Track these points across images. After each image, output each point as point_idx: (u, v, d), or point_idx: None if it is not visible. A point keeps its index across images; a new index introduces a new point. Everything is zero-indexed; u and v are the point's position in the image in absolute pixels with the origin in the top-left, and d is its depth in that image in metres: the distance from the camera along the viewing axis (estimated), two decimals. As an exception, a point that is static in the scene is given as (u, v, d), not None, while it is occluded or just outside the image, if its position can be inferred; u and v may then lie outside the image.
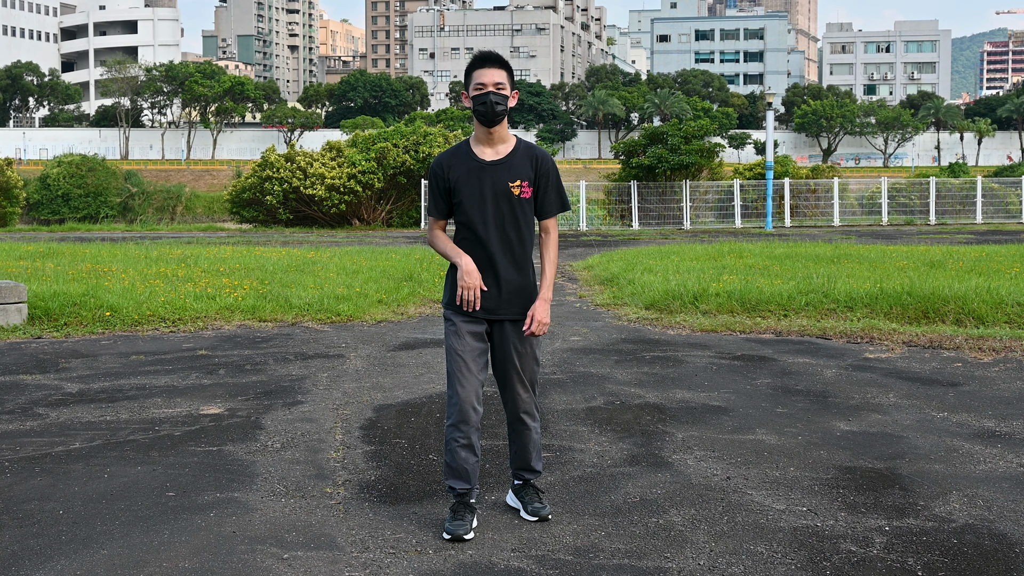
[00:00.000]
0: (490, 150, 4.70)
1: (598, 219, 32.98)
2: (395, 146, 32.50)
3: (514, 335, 4.71)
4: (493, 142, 4.70)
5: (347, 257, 17.58)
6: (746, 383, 7.90)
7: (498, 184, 4.64)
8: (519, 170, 4.67)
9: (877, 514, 4.88)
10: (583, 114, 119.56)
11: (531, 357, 4.76)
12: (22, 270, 14.62)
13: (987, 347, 9.22)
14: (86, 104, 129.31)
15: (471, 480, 4.68)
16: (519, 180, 4.66)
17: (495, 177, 4.65)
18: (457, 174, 4.69)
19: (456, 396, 4.63)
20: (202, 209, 59.81)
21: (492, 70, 4.65)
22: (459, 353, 4.65)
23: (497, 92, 4.62)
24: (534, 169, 4.69)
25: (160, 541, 4.53)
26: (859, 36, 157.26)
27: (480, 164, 4.66)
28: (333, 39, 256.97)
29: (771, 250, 18.23)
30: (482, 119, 4.64)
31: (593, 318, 11.62)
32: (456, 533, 4.54)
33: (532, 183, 4.68)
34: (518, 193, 4.65)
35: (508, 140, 4.73)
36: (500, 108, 4.62)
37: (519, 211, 4.66)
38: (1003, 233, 27.99)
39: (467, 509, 4.67)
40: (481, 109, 4.63)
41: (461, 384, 4.63)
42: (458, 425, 4.64)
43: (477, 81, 4.65)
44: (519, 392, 4.78)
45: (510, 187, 4.64)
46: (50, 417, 6.79)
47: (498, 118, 4.64)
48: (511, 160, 4.69)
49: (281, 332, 10.48)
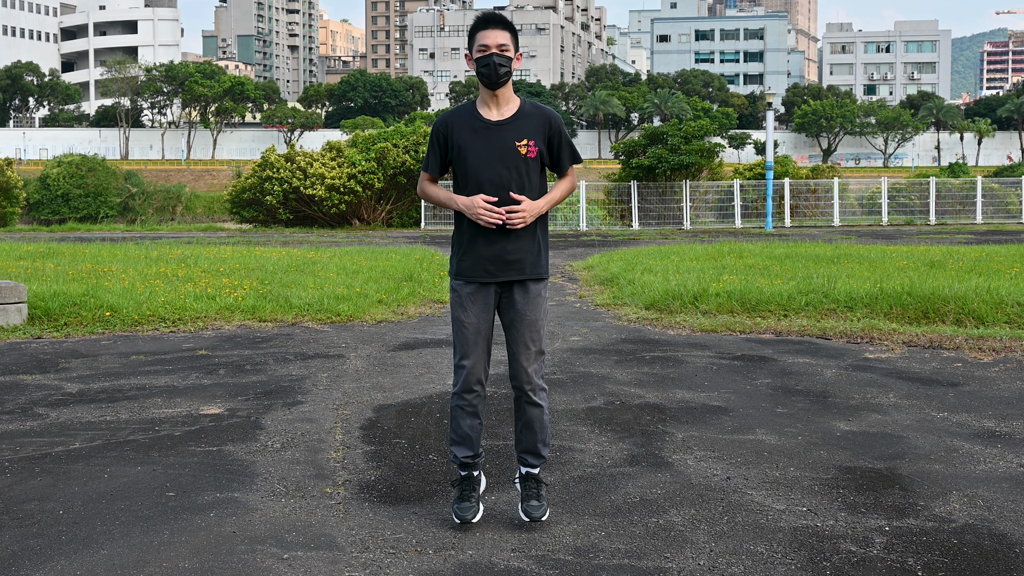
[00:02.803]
0: (495, 111, 4.65)
1: (598, 219, 32.97)
2: (395, 146, 32.50)
3: (521, 299, 4.67)
4: (498, 103, 4.65)
5: (347, 257, 17.58)
6: (746, 383, 7.90)
7: (505, 144, 4.59)
8: (525, 129, 4.62)
9: (877, 514, 4.88)
10: (583, 114, 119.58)
11: (537, 323, 4.69)
12: (22, 270, 14.62)
13: (987, 347, 9.21)
14: (86, 104, 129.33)
15: (475, 446, 4.72)
16: (526, 139, 4.61)
17: (501, 136, 4.60)
18: (461, 134, 4.63)
19: (462, 367, 4.66)
20: (202, 209, 59.81)
21: (495, 31, 4.58)
22: (464, 324, 4.65)
23: (501, 53, 4.55)
24: (543, 128, 4.64)
25: (160, 541, 4.53)
26: (859, 36, 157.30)
27: (485, 124, 4.62)
28: (333, 39, 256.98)
29: (771, 250, 18.23)
30: (485, 81, 4.59)
31: (593, 318, 11.62)
32: (464, 517, 4.62)
33: (541, 142, 4.64)
34: (524, 152, 4.60)
35: (513, 101, 4.68)
36: (504, 70, 4.56)
37: (525, 170, 4.61)
38: (1003, 233, 27.99)
39: (473, 486, 4.73)
40: (484, 71, 4.56)
41: (466, 355, 4.65)
42: (462, 394, 4.68)
43: (480, 43, 4.58)
44: (523, 361, 4.69)
45: (517, 146, 4.59)
46: (50, 417, 6.79)
47: (502, 80, 4.58)
48: (517, 119, 4.63)
49: (281, 332, 10.48)
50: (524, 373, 4.72)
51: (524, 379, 4.72)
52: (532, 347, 4.71)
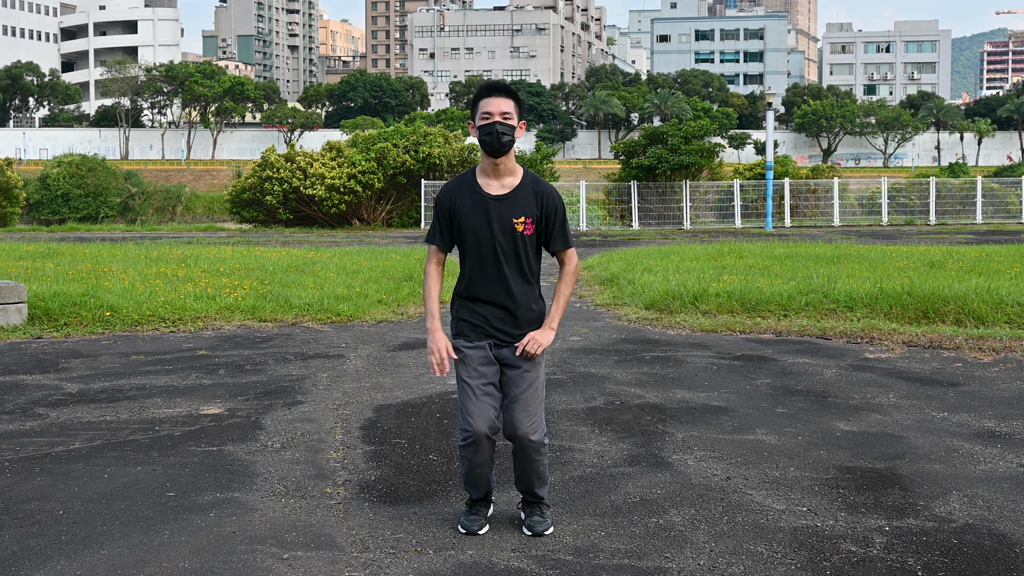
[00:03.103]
0: (496, 183, 4.59)
1: (598, 219, 32.97)
2: (395, 146, 32.49)
3: (517, 379, 4.60)
4: (499, 174, 4.58)
5: (347, 257, 17.58)
6: (746, 383, 7.90)
7: (503, 219, 4.54)
8: (524, 206, 4.56)
9: (877, 514, 4.88)
10: (583, 114, 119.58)
11: (533, 385, 4.60)
12: (22, 270, 14.62)
13: (987, 347, 9.21)
14: (86, 104, 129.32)
15: (485, 487, 4.71)
16: (523, 216, 4.54)
17: (500, 212, 4.54)
18: (462, 206, 4.60)
19: (469, 425, 4.54)
20: (202, 209, 59.80)
21: (499, 99, 4.51)
22: (467, 381, 4.57)
23: (504, 122, 4.49)
24: (539, 206, 4.57)
25: (160, 541, 4.53)
26: (859, 36, 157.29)
27: (485, 197, 4.56)
28: (333, 39, 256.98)
29: (771, 250, 18.23)
30: (488, 150, 4.53)
31: (593, 318, 11.62)
32: (471, 529, 4.65)
33: (536, 220, 4.57)
34: (521, 230, 4.54)
35: (515, 172, 4.61)
36: (507, 139, 4.50)
37: (522, 246, 4.56)
38: (1003, 233, 27.99)
39: (483, 504, 4.76)
40: (487, 139, 4.50)
41: (471, 413, 4.54)
42: (470, 446, 4.57)
43: (483, 110, 4.52)
44: (520, 419, 4.60)
45: (514, 223, 4.53)
46: (50, 417, 6.78)
47: (504, 149, 4.52)
48: (516, 195, 4.57)
49: (281, 332, 10.48)
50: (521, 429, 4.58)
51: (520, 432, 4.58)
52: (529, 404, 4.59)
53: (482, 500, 4.76)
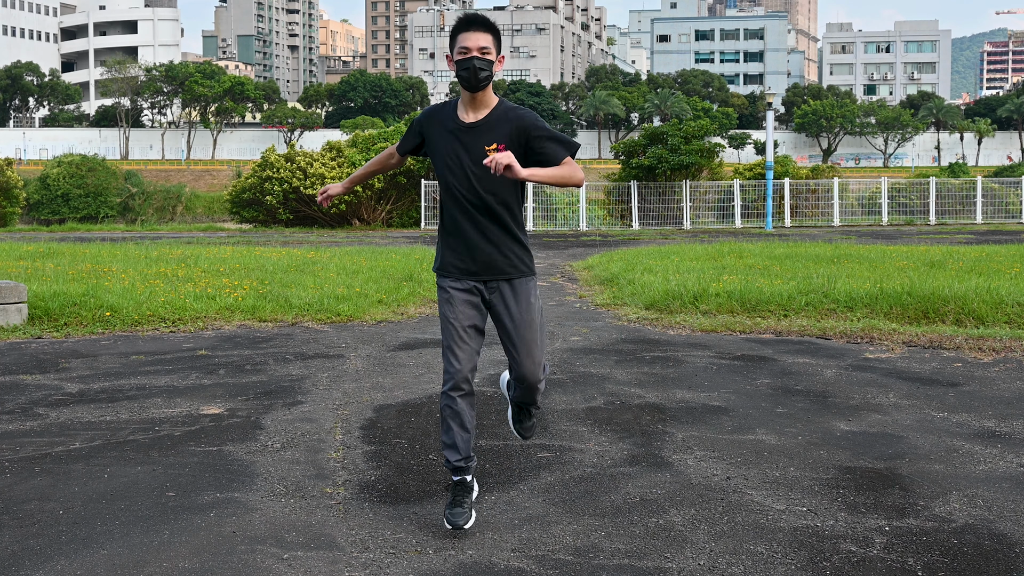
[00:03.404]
0: (471, 113, 4.56)
1: (598, 219, 32.96)
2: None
3: (511, 298, 4.61)
4: (476, 106, 4.56)
5: (347, 257, 17.58)
6: (746, 383, 7.90)
7: (474, 147, 4.50)
8: (496, 132, 4.50)
9: (877, 514, 4.88)
10: (583, 114, 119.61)
11: (530, 322, 4.60)
12: (22, 270, 14.62)
13: (987, 347, 9.21)
14: (86, 104, 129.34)
15: (465, 448, 4.64)
16: (495, 143, 4.49)
17: (472, 140, 4.51)
18: (438, 131, 4.60)
19: (450, 366, 4.57)
20: (202, 209, 59.82)
21: (477, 33, 4.47)
22: (451, 321, 4.57)
23: (482, 57, 4.45)
24: (516, 131, 4.49)
25: (160, 541, 4.53)
26: (859, 36, 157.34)
27: (459, 126, 4.54)
28: (333, 39, 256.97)
29: (771, 250, 18.23)
30: (465, 84, 4.49)
31: (593, 318, 11.62)
32: (456, 523, 4.53)
33: (515, 145, 4.48)
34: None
35: (490, 103, 4.57)
36: (484, 74, 4.45)
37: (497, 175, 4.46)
38: (1003, 233, 27.99)
39: (465, 490, 4.65)
40: (464, 75, 4.46)
41: (454, 353, 4.55)
42: (450, 392, 4.58)
43: (461, 45, 4.47)
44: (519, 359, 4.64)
45: (486, 150, 4.49)
46: (50, 417, 6.78)
47: (481, 84, 4.47)
48: (488, 122, 4.53)
49: (281, 332, 10.48)
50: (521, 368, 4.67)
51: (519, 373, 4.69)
52: (527, 342, 4.62)
53: (462, 484, 4.66)
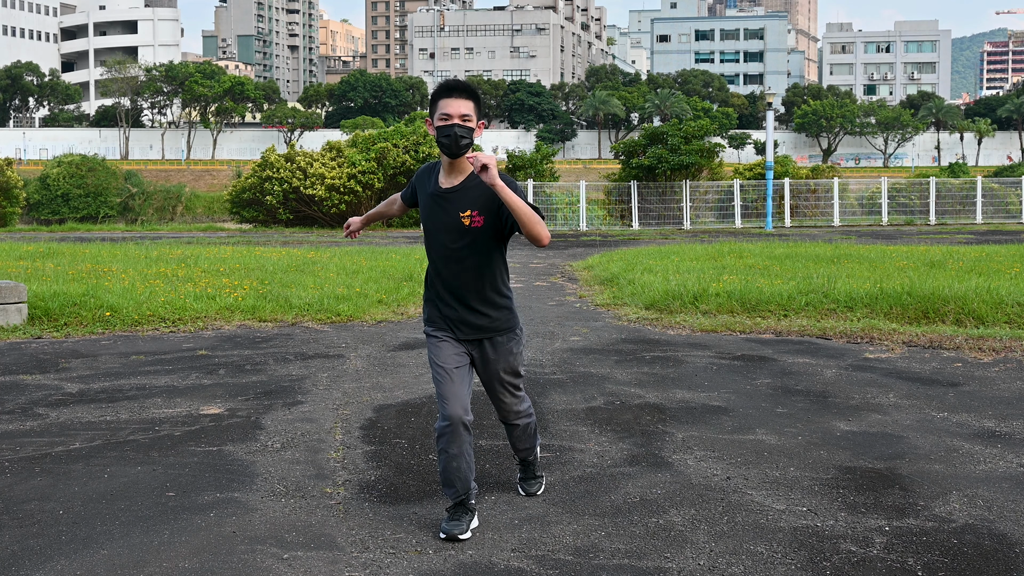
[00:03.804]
0: (450, 178, 4.58)
1: (598, 219, 32.95)
2: (395, 146, 32.49)
3: (491, 352, 4.71)
4: (454, 171, 4.57)
5: (347, 257, 17.58)
6: (746, 383, 7.90)
7: (450, 214, 4.53)
8: (471, 199, 4.50)
9: (877, 514, 4.88)
10: (583, 114, 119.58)
11: (510, 371, 4.78)
12: (22, 270, 14.62)
13: (987, 347, 9.22)
14: (86, 104, 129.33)
15: (464, 486, 4.60)
16: (469, 210, 4.49)
17: (448, 207, 4.54)
18: (421, 194, 4.71)
19: (444, 408, 4.57)
20: (202, 209, 59.78)
21: (459, 100, 4.45)
22: (440, 364, 4.62)
23: (463, 124, 4.44)
24: (489, 194, 4.47)
25: (160, 541, 4.53)
26: (859, 36, 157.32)
27: (437, 191, 4.58)
28: (333, 39, 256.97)
29: (771, 250, 18.23)
30: (446, 151, 4.48)
31: (593, 318, 11.62)
32: (451, 533, 4.52)
33: (488, 210, 4.49)
34: (468, 224, 4.49)
35: (469, 168, 4.55)
36: (464, 142, 4.45)
37: (474, 240, 4.51)
38: (1003, 233, 27.99)
39: (464, 510, 4.64)
40: (445, 141, 4.45)
41: (446, 396, 4.56)
42: (445, 434, 4.56)
43: (442, 111, 4.45)
44: (503, 401, 4.89)
45: (460, 217, 4.50)
46: (50, 417, 6.79)
47: (462, 151, 4.47)
48: (465, 187, 4.52)
49: (281, 332, 10.48)
50: (505, 410, 4.93)
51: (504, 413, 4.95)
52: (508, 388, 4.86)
53: (462, 505, 4.62)
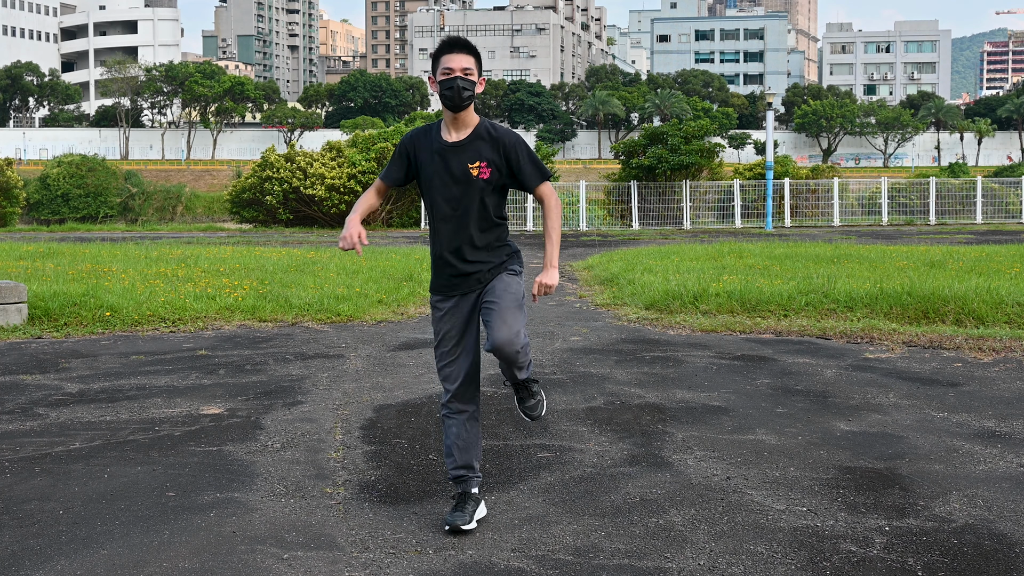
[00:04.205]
0: (454, 133, 4.70)
1: (598, 219, 32.95)
2: (395, 146, 32.48)
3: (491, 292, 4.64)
4: (458, 126, 4.69)
5: (347, 257, 17.58)
6: (746, 383, 7.90)
7: (458, 166, 4.64)
8: (478, 151, 4.65)
9: (877, 514, 4.88)
10: (583, 114, 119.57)
11: (503, 293, 4.59)
12: (22, 270, 14.62)
13: (987, 347, 9.21)
14: (86, 104, 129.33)
15: (466, 458, 4.72)
16: (477, 161, 4.63)
17: (456, 159, 4.65)
18: (422, 154, 4.73)
19: (448, 376, 4.74)
20: (202, 209, 59.79)
21: (460, 55, 4.62)
22: (445, 334, 4.74)
23: (464, 77, 4.60)
24: (497, 150, 4.65)
25: (160, 541, 4.53)
26: (859, 36, 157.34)
27: (443, 145, 4.67)
28: (333, 39, 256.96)
29: (771, 250, 18.23)
30: (448, 104, 4.63)
31: (593, 318, 11.62)
32: (454, 524, 4.59)
33: (494, 163, 4.64)
34: (476, 174, 4.62)
35: (472, 123, 4.71)
36: (467, 94, 4.60)
37: (478, 191, 4.63)
38: (1003, 233, 27.99)
39: (468, 499, 4.71)
40: (448, 94, 4.61)
41: (450, 364, 4.73)
42: (449, 403, 4.76)
43: (444, 66, 4.62)
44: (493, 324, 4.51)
45: (469, 168, 4.63)
46: (50, 417, 6.79)
47: (464, 104, 4.61)
48: (471, 141, 4.66)
49: (281, 332, 10.48)
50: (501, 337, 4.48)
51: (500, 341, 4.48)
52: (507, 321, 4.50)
53: (464, 495, 4.72)
